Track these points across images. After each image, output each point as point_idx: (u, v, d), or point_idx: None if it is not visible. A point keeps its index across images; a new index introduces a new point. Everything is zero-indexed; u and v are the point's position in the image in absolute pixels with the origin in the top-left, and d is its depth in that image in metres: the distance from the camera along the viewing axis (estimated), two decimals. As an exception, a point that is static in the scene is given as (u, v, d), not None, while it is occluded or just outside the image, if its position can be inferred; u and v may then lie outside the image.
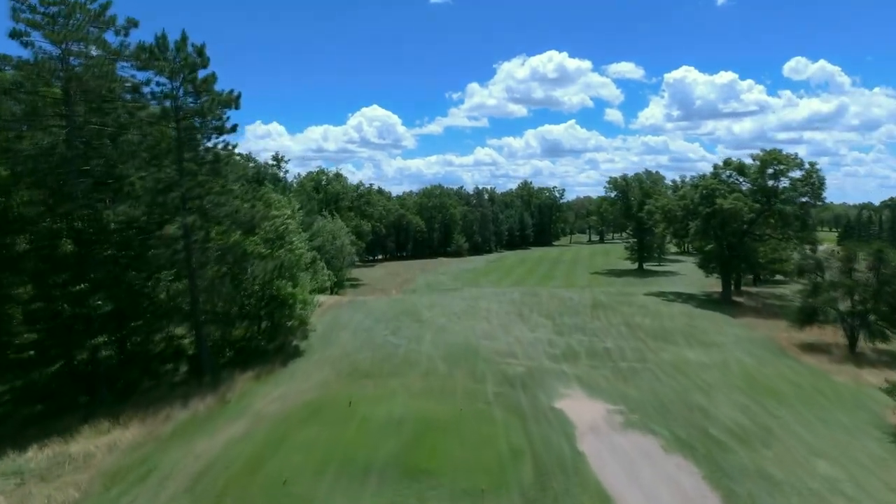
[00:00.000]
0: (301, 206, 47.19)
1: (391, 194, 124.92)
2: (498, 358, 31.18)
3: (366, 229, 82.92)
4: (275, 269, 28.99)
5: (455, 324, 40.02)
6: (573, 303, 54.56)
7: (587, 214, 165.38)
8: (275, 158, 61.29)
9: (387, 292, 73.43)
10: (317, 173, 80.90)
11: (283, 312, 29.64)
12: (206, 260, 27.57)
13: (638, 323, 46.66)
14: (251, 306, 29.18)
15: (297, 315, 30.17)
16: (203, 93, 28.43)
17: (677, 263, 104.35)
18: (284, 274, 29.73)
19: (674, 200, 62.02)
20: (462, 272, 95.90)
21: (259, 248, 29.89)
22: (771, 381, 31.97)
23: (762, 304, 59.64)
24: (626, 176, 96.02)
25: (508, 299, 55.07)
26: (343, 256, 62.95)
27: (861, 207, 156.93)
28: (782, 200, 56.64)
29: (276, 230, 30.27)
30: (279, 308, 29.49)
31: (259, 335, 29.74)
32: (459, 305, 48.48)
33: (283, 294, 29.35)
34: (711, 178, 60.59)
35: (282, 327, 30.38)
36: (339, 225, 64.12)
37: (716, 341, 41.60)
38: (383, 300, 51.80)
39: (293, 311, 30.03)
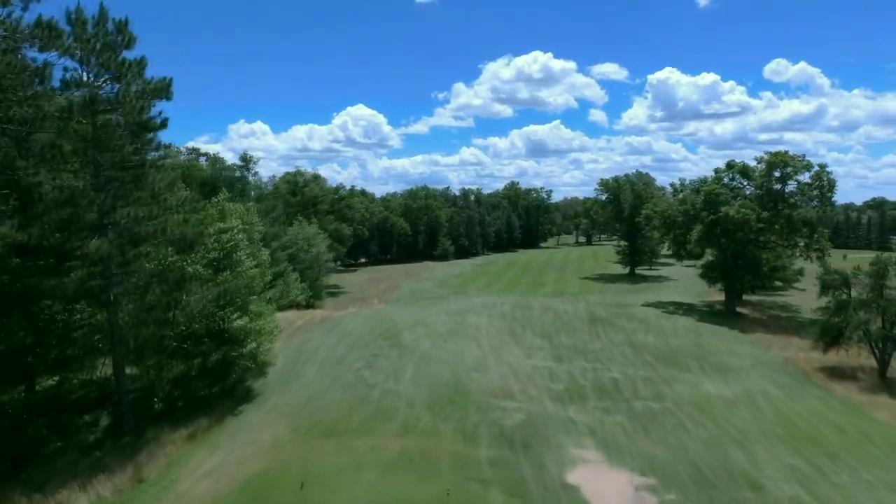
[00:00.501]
0: (268, 213, 41.15)
1: (374, 195, 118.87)
2: (492, 400, 25.55)
3: (346, 233, 76.81)
4: (219, 296, 23.10)
5: (441, 349, 34.34)
6: (569, 317, 49.19)
7: (574, 216, 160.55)
8: (242, 159, 55.10)
9: (368, 302, 67.47)
10: (294, 174, 74.62)
11: (230, 349, 23.78)
12: (130, 288, 21.58)
13: (641, 342, 41.44)
14: (190, 344, 23.27)
15: (247, 353, 24.30)
16: (126, 80, 22.41)
17: (668, 267, 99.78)
18: (233, 302, 23.87)
19: (674, 205, 56.90)
20: (448, 278, 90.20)
21: (201, 270, 23.98)
22: (808, 422, 26.79)
23: (768, 317, 54.85)
24: (618, 178, 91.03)
25: (499, 313, 49.52)
26: (319, 265, 56.90)
27: (845, 208, 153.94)
28: (790, 205, 51.75)
29: (223, 248, 24.37)
30: (225, 344, 23.62)
31: (199, 378, 23.78)
32: (445, 323, 42.80)
33: (229, 327, 23.51)
34: (714, 182, 55.58)
35: (230, 367, 24.48)
36: (315, 231, 58.00)
37: (731, 366, 36.46)
38: (361, 316, 45.89)
39: (243, 346, 24.17)
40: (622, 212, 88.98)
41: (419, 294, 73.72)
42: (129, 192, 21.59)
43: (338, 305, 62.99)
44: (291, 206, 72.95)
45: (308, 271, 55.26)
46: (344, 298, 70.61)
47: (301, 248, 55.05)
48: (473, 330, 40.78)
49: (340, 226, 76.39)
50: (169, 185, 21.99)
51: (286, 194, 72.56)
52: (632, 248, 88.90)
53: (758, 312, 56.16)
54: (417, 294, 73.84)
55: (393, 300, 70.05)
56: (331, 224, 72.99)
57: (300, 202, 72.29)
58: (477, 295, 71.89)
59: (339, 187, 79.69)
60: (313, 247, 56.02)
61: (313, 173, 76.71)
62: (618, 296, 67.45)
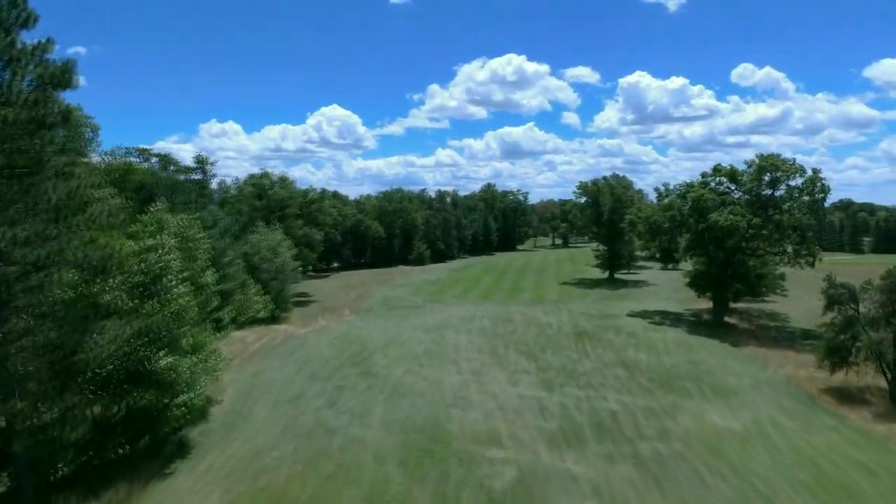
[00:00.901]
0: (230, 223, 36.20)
1: (348, 198, 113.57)
2: (476, 449, 21.32)
3: (317, 238, 71.70)
4: (142, 331, 18.38)
5: (416, 377, 29.99)
6: (553, 331, 45.35)
7: (552, 218, 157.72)
8: (197, 160, 49.57)
9: (338, 312, 62.64)
10: (259, 177, 69.16)
11: (156, 395, 19.06)
12: (18, 327, 16.72)
13: (633, 360, 37.83)
14: (106, 391, 18.47)
15: (178, 401, 19.57)
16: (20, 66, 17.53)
17: (646, 271, 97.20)
18: (159, 337, 19.14)
19: (659, 211, 53.60)
20: (424, 284, 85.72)
21: (124, 300, 19.19)
22: (832, 463, 23.29)
23: (757, 327, 51.96)
24: (597, 181, 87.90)
25: (479, 328, 45.40)
26: (285, 274, 51.87)
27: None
28: (781, 211, 48.85)
29: (150, 271, 19.63)
30: (150, 389, 18.90)
31: (118, 433, 18.98)
32: (421, 342, 38.47)
33: (156, 368, 18.82)
34: (700, 187, 52.44)
35: (158, 417, 19.74)
36: (280, 238, 52.92)
37: (731, 387, 33.04)
38: (328, 334, 41.17)
39: (173, 392, 19.48)
40: (601, 215, 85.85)
41: (393, 302, 69.16)
42: (9, 207, 16.71)
43: (306, 317, 58.04)
44: (257, 210, 67.57)
45: (273, 282, 50.21)
46: (313, 308, 65.59)
47: (264, 258, 49.97)
48: (452, 350, 36.52)
49: (311, 230, 71.22)
50: (70, 196, 17.14)
51: (251, 198, 67.14)
52: (611, 252, 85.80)
53: (746, 322, 53.26)
54: (391, 302, 69.27)
55: (365, 309, 65.35)
56: (299, 229, 67.78)
57: (266, 206, 66.91)
58: (454, 303, 67.70)
59: (308, 190, 74.49)
60: (278, 255, 50.95)
61: (281, 175, 71.41)
62: (600, 303, 64.07)
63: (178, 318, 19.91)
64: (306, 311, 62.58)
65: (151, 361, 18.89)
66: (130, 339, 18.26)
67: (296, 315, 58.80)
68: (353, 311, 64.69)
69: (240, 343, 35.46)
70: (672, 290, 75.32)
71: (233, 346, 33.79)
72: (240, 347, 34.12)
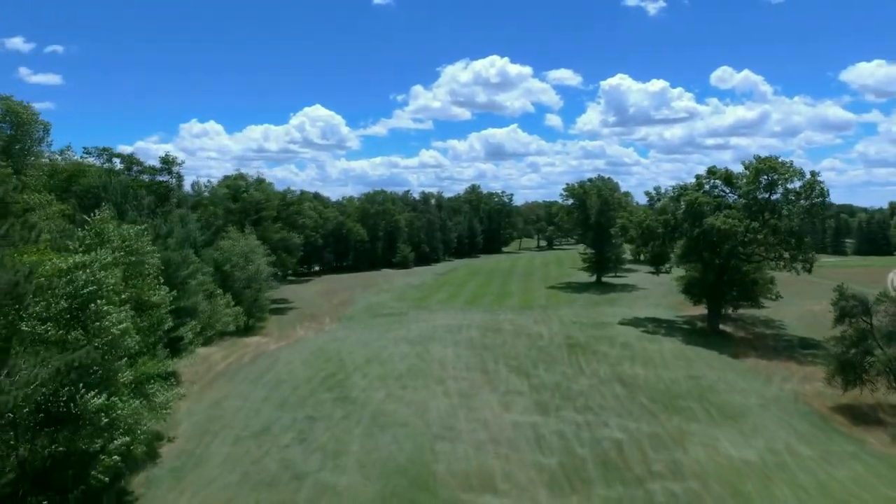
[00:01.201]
0: (168, 233, 32.58)
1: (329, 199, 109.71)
2: (467, 497, 18.20)
3: (296, 242, 67.98)
4: (62, 369, 14.98)
5: (398, 401, 26.82)
6: (545, 342, 42.49)
7: (537, 220, 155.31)
8: (164, 161, 45.60)
9: (318, 320, 59.17)
10: (234, 178, 65.19)
11: (87, 441, 15.69)
12: None
13: (630, 376, 35.11)
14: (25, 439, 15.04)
15: (112, 447, 16.15)
16: None
17: (633, 274, 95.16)
18: (89, 374, 15.77)
19: (652, 215, 51.09)
20: (408, 289, 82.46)
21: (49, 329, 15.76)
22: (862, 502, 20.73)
23: (753, 335, 49.70)
24: (584, 183, 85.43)
25: (466, 339, 42.36)
26: (260, 282, 48.22)
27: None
28: (778, 215, 46.62)
29: (77, 295, 16.22)
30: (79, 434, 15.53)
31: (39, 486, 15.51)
32: (405, 357, 35.31)
33: (84, 410, 15.43)
34: (694, 190, 50.05)
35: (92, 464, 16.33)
36: (255, 243, 49.23)
37: (740, 408, 30.46)
38: (304, 349, 37.76)
39: (110, 435, 16.11)
40: (588, 218, 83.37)
41: (376, 309, 65.84)
42: None
43: (283, 327, 54.43)
44: (233, 213, 63.73)
45: (246, 291, 46.57)
46: (292, 316, 61.95)
47: (236, 265, 46.32)
48: (438, 367, 33.40)
49: (289, 234, 67.48)
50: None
51: (226, 200, 63.25)
52: (598, 255, 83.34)
53: (742, 331, 50.98)
54: (374, 309, 65.94)
55: (347, 317, 61.92)
56: (277, 233, 64.07)
57: (242, 209, 63.07)
58: (440, 310, 64.58)
59: (286, 191, 70.59)
60: (251, 262, 47.30)
61: (258, 176, 67.50)
62: (590, 309, 61.47)
63: (113, 350, 16.50)
64: (284, 320, 58.95)
65: (78, 403, 15.46)
66: (51, 378, 14.81)
67: (272, 324, 55.16)
68: (335, 319, 61.26)
69: (203, 363, 31.91)
70: (661, 294, 73.14)
71: (196, 366, 30.32)
72: (203, 369, 30.59)
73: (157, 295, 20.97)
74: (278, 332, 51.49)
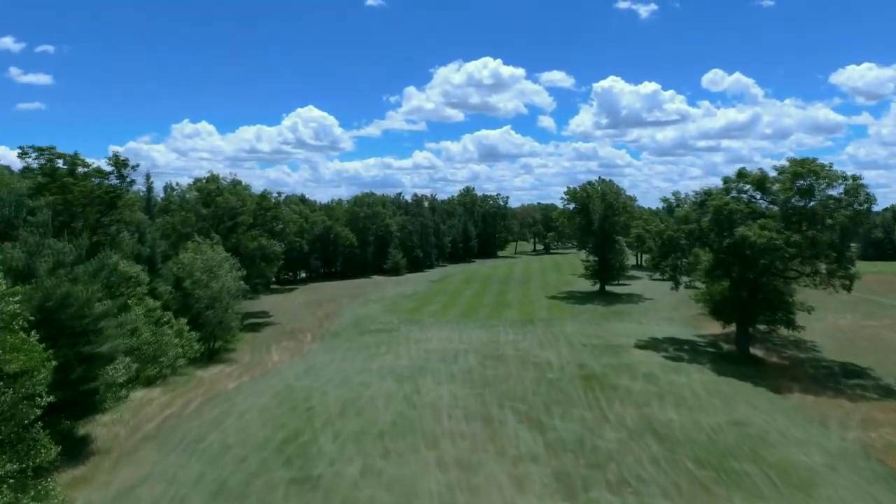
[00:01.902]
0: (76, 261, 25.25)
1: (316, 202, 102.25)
2: None
3: (276, 250, 60.78)
4: None
5: (377, 483, 19.78)
6: (555, 374, 35.59)
7: (533, 223, 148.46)
8: (112, 162, 38.12)
9: (299, 339, 52.11)
10: (205, 181, 57.83)
11: None
12: None
13: (664, 423, 28.32)
14: None
15: None
16: None
17: (636, 281, 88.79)
18: None
19: (672, 224, 44.38)
20: (399, 298, 75.52)
21: None
22: None
23: (787, 360, 43.10)
24: (587, 185, 78.76)
25: (464, 371, 35.39)
26: (226, 301, 41.03)
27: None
28: (823, 225, 39.98)
29: None
30: None
31: None
32: (390, 401, 28.30)
33: None
34: (721, 193, 43.42)
35: None
36: (221, 256, 41.99)
37: (805, 471, 23.74)
38: (266, 391, 30.54)
39: None
40: (592, 223, 76.73)
41: (363, 323, 58.85)
42: None
43: (256, 348, 47.32)
44: (205, 220, 56.49)
45: (209, 312, 39.43)
46: (269, 333, 54.84)
47: (198, 282, 39.16)
48: (431, 417, 26.44)
49: (269, 242, 60.24)
50: None
51: (197, 205, 55.96)
52: (602, 263, 76.72)
53: (773, 354, 44.43)
54: (361, 323, 58.95)
55: (331, 333, 54.89)
56: (253, 241, 56.88)
57: (214, 215, 55.82)
58: (433, 324, 57.73)
59: (265, 194, 63.19)
60: (216, 277, 40.12)
61: (233, 179, 60.22)
62: (597, 325, 54.81)
63: None
64: (260, 339, 51.82)
65: None
66: None
67: (244, 346, 48.03)
68: (317, 336, 54.23)
69: (134, 416, 24.78)
70: (671, 306, 66.62)
71: (118, 426, 23.23)
72: (129, 429, 23.39)
73: (17, 360, 13.91)
74: (249, 356, 44.40)
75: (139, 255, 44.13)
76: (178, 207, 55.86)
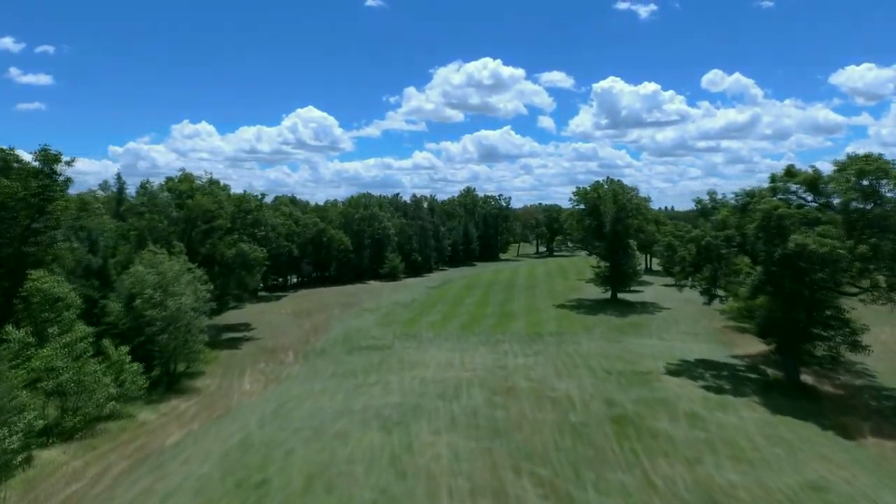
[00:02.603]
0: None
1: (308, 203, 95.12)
2: None
3: (258, 257, 53.83)
4: None
5: None
6: (578, 416, 28.56)
7: (536, 225, 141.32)
8: (42, 158, 30.87)
9: (278, 360, 45.28)
10: (177, 180, 50.82)
11: None
12: None
13: (726, 490, 21.39)
14: None
15: None
16: None
17: (647, 287, 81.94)
18: None
19: (709, 230, 37.44)
20: (396, 308, 68.63)
21: None
22: None
23: (844, 390, 36.12)
24: (598, 185, 71.83)
25: (467, 412, 28.43)
26: (185, 321, 34.03)
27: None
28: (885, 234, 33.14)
29: None
30: None
31: None
32: (373, 464, 21.40)
33: None
34: (765, 194, 36.56)
35: None
36: (178, 268, 34.94)
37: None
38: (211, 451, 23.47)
39: None
40: (603, 226, 69.81)
41: (354, 338, 51.97)
42: None
43: (226, 373, 40.43)
44: (176, 224, 49.57)
45: (163, 336, 32.47)
46: (246, 351, 47.94)
47: (150, 300, 32.20)
48: (425, 496, 19.48)
49: (251, 247, 53.25)
50: None
51: (168, 207, 48.98)
52: (613, 269, 69.85)
53: (826, 381, 37.54)
54: (352, 338, 52.07)
55: (316, 352, 48.04)
56: (230, 248, 49.96)
57: (186, 219, 48.87)
58: (431, 338, 50.92)
59: (245, 195, 56.07)
60: (173, 295, 33.14)
61: (209, 177, 53.19)
62: (615, 342, 47.98)
63: None
64: (235, 359, 44.90)
65: None
66: None
67: (215, 368, 41.16)
68: (300, 354, 47.37)
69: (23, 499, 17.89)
70: (691, 318, 59.76)
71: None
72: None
73: None
74: (217, 382, 37.53)
75: (89, 267, 37.32)
76: (147, 210, 48.89)
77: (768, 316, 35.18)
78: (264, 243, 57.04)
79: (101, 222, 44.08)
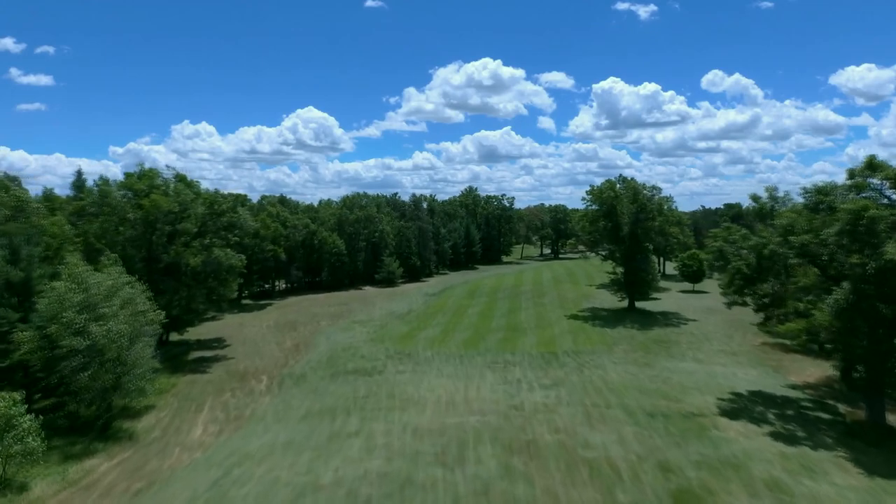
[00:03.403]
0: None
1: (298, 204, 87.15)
2: None
3: (233, 264, 46.03)
4: None
5: None
6: (628, 496, 20.61)
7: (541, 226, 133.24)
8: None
9: (247, 388, 37.42)
10: (138, 177, 43.01)
11: None
12: None
13: None
14: None
15: None
16: None
17: (664, 294, 74.10)
18: None
19: (774, 235, 29.47)
20: (390, 319, 60.73)
21: None
22: None
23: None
24: (614, 183, 63.87)
25: (474, 489, 20.52)
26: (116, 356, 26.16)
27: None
28: None
29: None
30: None
31: None
32: None
33: None
34: (845, 191, 28.62)
35: None
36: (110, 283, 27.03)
37: None
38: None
39: None
40: (620, 229, 61.87)
41: (339, 358, 44.12)
42: None
43: (181, 407, 32.65)
44: (134, 227, 41.75)
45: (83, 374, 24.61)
46: (213, 376, 40.05)
47: (68, 326, 24.40)
48: None
49: (224, 253, 45.34)
50: None
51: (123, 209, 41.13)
52: (631, 275, 61.97)
53: (918, 424, 29.59)
54: (337, 358, 44.21)
55: (293, 376, 40.14)
56: (195, 256, 42.10)
57: (145, 220, 41.02)
58: (429, 359, 43.10)
59: (216, 195, 47.90)
60: (101, 320, 25.31)
61: (175, 173, 45.28)
62: (644, 363, 40.24)
63: None
64: (196, 388, 37.00)
65: None
66: None
67: (168, 401, 33.36)
68: (274, 380, 39.37)
69: None
70: (723, 332, 51.74)
71: None
72: None
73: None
74: (164, 424, 29.69)
75: (8, 282, 29.55)
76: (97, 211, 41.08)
77: (846, 343, 27.16)
78: (241, 249, 49.06)
79: (41, 225, 36.26)
